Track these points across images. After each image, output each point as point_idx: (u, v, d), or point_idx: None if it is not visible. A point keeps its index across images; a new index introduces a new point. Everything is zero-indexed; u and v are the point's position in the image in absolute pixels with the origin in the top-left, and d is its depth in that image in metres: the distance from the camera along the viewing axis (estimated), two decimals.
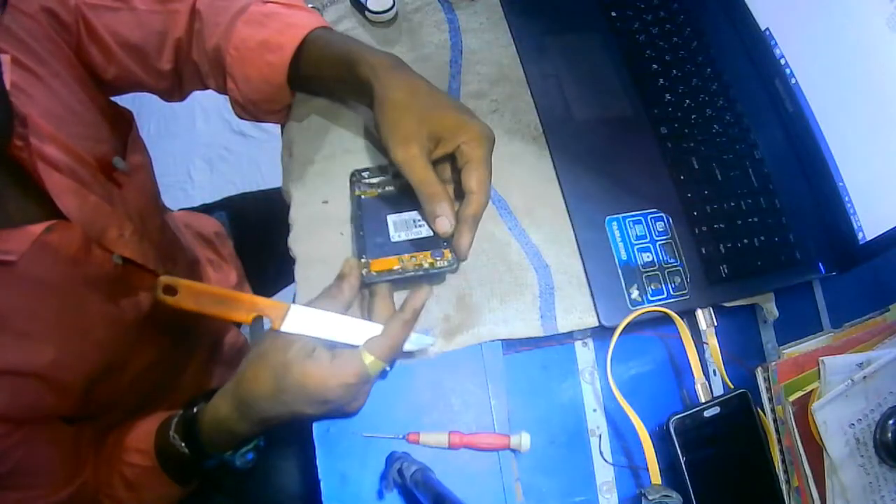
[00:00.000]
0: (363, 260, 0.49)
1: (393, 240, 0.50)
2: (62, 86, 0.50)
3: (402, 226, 0.51)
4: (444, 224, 0.48)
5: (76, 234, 0.48)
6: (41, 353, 0.46)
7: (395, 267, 0.49)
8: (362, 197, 0.54)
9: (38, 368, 0.46)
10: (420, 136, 0.48)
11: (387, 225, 0.51)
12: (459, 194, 0.50)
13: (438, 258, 0.49)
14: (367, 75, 0.50)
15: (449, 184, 0.52)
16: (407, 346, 0.48)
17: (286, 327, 0.45)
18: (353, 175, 0.55)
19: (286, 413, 0.45)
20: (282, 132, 0.61)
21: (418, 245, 0.50)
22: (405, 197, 0.52)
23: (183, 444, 0.51)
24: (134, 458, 0.53)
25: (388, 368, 0.48)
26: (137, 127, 0.61)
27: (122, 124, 0.59)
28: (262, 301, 0.46)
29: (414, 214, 0.51)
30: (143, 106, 1.67)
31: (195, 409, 0.51)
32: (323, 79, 0.56)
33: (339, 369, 0.44)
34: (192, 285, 0.46)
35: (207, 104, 1.65)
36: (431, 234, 0.50)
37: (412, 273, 0.48)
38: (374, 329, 0.46)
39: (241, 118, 0.62)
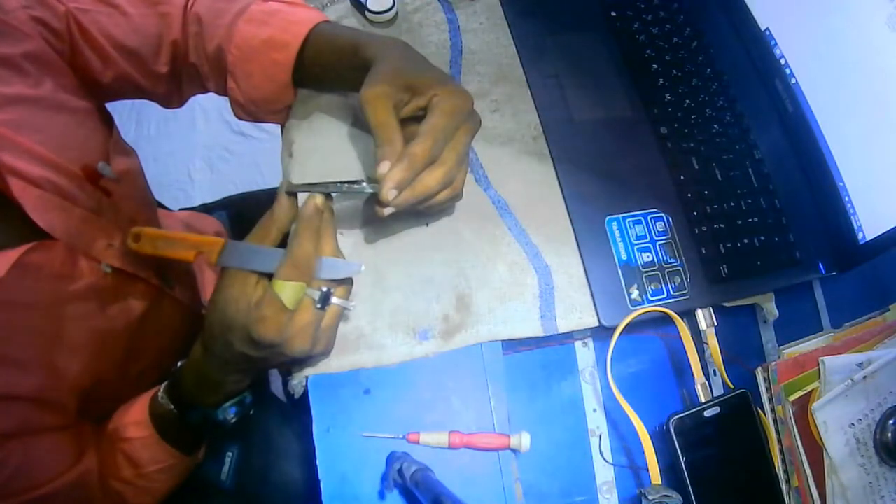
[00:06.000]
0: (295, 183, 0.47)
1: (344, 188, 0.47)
2: (49, 95, 0.49)
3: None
4: (384, 167, 0.44)
5: (59, 251, 0.47)
6: (27, 377, 0.45)
7: (316, 182, 0.47)
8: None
9: (26, 392, 0.45)
10: (393, 82, 0.46)
11: (353, 182, 0.48)
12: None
13: (362, 181, 0.47)
14: (372, 55, 0.49)
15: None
16: (335, 274, 0.45)
17: (222, 262, 0.45)
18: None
19: (236, 354, 0.44)
20: (282, 132, 0.61)
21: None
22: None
23: (169, 403, 0.52)
24: (133, 433, 0.54)
25: (318, 304, 0.44)
26: (120, 132, 0.60)
27: (106, 128, 0.58)
28: (201, 238, 0.46)
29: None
30: (143, 106, 1.67)
31: (179, 364, 0.52)
32: (328, 70, 0.55)
33: (261, 305, 0.42)
34: (152, 232, 0.47)
35: (207, 104, 1.65)
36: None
37: (332, 188, 0.46)
38: None
39: (240, 119, 0.62)
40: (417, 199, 0.46)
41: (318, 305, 0.44)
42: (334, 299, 0.45)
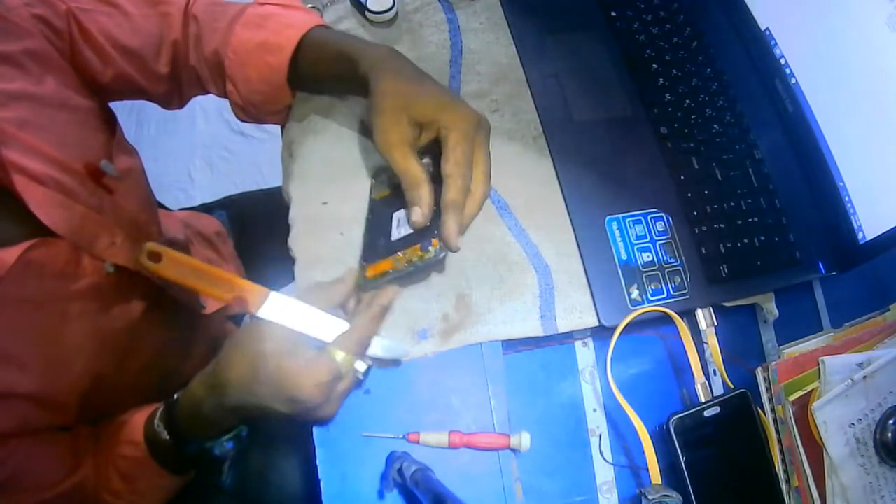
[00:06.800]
0: (362, 264, 0.50)
1: (392, 238, 0.50)
2: (51, 93, 0.49)
3: (404, 221, 0.51)
4: (417, 213, 0.47)
5: (62, 248, 0.47)
6: (27, 375, 0.45)
7: (388, 269, 0.49)
8: (376, 199, 0.55)
9: (26, 389, 0.45)
10: (401, 124, 0.47)
11: (391, 223, 0.51)
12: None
13: (427, 249, 0.48)
14: (365, 70, 0.50)
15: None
16: (379, 352, 0.48)
17: (262, 313, 0.45)
18: (374, 175, 0.56)
19: (255, 405, 0.45)
20: (282, 132, 0.61)
21: (412, 239, 0.49)
22: None
23: (165, 432, 0.52)
24: (126, 451, 0.53)
25: (361, 376, 0.47)
26: (123, 131, 0.61)
27: (109, 127, 0.59)
28: (243, 283, 0.46)
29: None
30: (143, 106, 1.67)
31: (176, 396, 0.51)
32: (322, 77, 0.56)
33: (313, 367, 0.43)
34: (176, 255, 0.46)
35: (207, 104, 1.64)
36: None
37: (403, 271, 0.48)
38: (346, 327, 0.46)
39: (241, 120, 0.62)
40: (468, 224, 0.49)
41: (362, 378, 0.47)
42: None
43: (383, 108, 0.48)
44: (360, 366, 0.46)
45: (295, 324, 0.45)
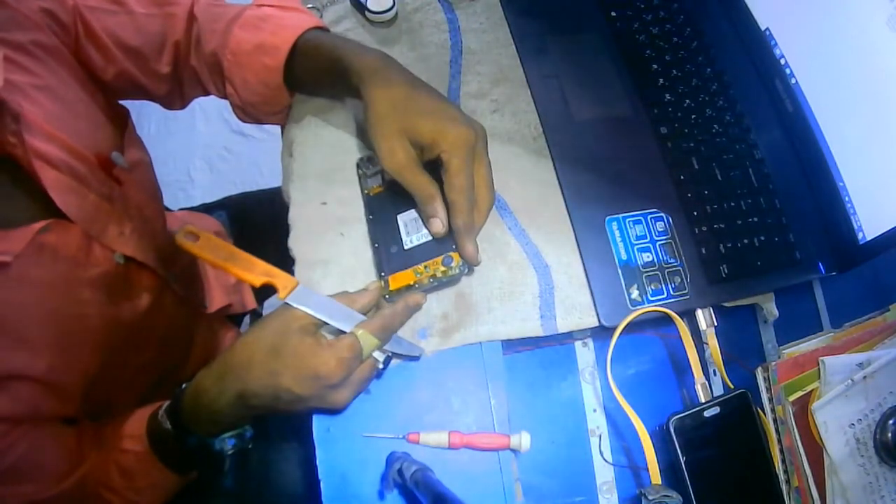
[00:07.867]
0: (382, 276, 0.51)
1: (406, 247, 0.51)
2: (61, 84, 0.50)
3: (413, 227, 0.52)
4: (436, 225, 0.49)
5: (75, 234, 0.48)
6: (38, 357, 0.46)
7: (412, 283, 0.50)
8: (370, 195, 0.55)
9: (36, 372, 0.45)
10: (403, 145, 0.48)
11: (398, 228, 0.52)
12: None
13: (449, 265, 0.50)
14: (356, 83, 0.50)
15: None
16: (397, 348, 0.49)
17: (290, 300, 0.47)
18: (357, 166, 0.56)
19: (271, 387, 0.45)
20: (282, 133, 0.61)
21: (429, 250, 0.51)
22: None
23: (168, 422, 0.52)
24: (128, 445, 0.54)
25: (380, 366, 0.48)
26: (134, 125, 0.62)
27: (120, 121, 0.59)
28: (274, 270, 0.48)
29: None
30: (143, 105, 1.66)
31: (183, 386, 0.52)
32: (317, 80, 0.56)
33: (335, 343, 0.45)
34: (212, 237, 0.48)
35: (207, 105, 1.65)
36: None
37: (427, 285, 0.50)
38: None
39: (242, 121, 0.62)
40: (478, 233, 0.51)
41: (381, 367, 0.48)
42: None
43: (383, 132, 0.48)
44: (380, 356, 0.48)
45: (320, 314, 0.47)
